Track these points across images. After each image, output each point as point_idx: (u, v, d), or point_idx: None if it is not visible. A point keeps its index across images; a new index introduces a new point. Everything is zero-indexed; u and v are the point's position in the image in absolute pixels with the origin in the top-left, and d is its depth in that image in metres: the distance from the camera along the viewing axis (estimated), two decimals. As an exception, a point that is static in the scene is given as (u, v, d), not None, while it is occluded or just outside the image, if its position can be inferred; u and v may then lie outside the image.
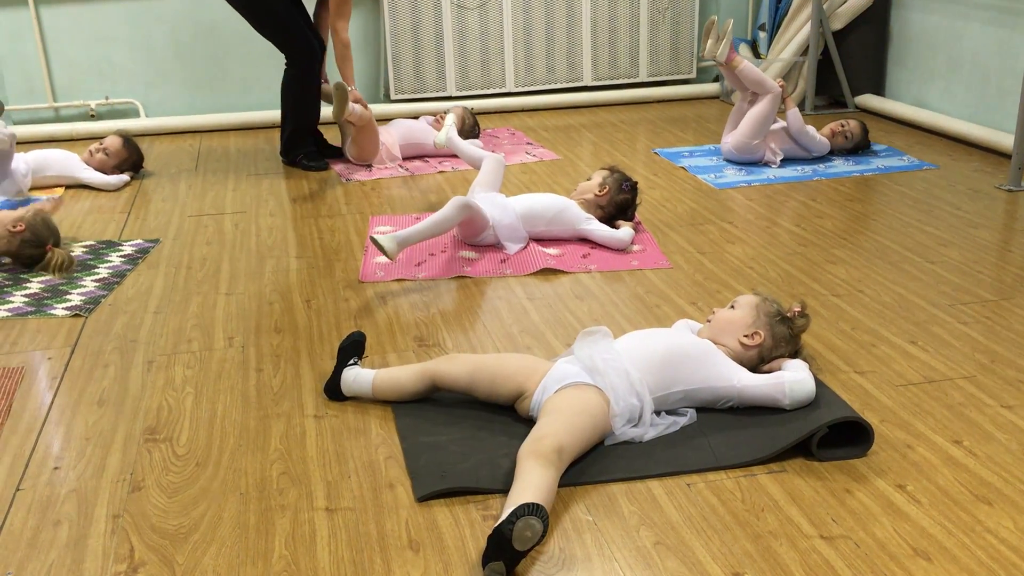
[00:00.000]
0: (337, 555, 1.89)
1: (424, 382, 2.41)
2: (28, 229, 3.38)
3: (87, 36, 5.48)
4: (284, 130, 4.73)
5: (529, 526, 1.78)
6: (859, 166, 4.53)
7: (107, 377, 2.65)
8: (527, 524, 1.78)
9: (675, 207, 4.00)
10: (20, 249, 3.38)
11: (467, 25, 5.80)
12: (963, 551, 1.86)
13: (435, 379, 2.40)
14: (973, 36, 4.89)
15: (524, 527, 1.77)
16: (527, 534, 1.78)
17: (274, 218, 3.98)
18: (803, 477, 2.11)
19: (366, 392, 2.44)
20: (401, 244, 3.21)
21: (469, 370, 2.37)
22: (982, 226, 3.68)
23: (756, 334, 2.41)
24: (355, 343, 2.54)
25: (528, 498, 1.85)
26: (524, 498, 1.85)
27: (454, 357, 2.43)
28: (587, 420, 2.15)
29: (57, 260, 3.36)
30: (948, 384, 2.50)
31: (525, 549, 1.79)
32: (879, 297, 3.06)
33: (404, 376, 2.43)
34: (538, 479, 1.94)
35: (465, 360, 2.40)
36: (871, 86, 5.61)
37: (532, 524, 1.78)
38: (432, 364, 2.42)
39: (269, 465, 2.20)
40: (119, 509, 2.05)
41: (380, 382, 2.44)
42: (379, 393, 2.43)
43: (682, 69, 6.19)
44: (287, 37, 4.48)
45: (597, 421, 2.17)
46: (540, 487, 1.92)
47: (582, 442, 2.13)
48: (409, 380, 2.42)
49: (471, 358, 2.41)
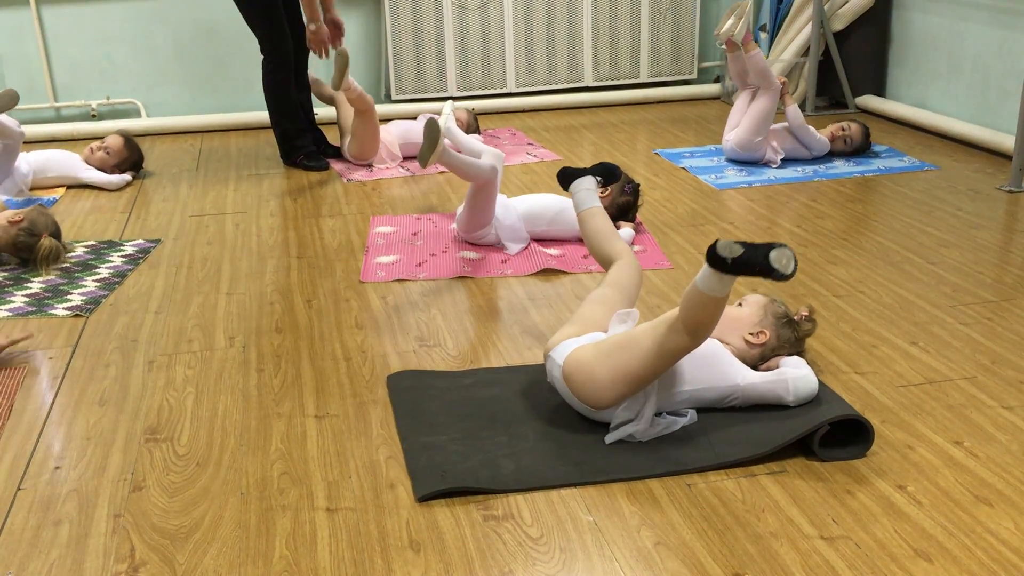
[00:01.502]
0: (338, 555, 1.89)
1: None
2: (27, 219, 3.42)
3: (88, 36, 5.49)
4: (275, 132, 4.74)
5: (784, 255, 1.98)
6: (860, 167, 4.53)
7: (108, 377, 2.65)
8: (781, 252, 1.98)
9: (676, 208, 4.00)
10: (16, 238, 3.38)
11: (468, 25, 5.80)
12: (964, 552, 1.86)
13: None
14: (974, 37, 4.89)
15: (779, 254, 1.98)
16: (783, 260, 1.98)
17: (275, 218, 3.98)
18: (804, 478, 2.11)
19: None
20: (444, 128, 3.40)
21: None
22: (983, 227, 3.68)
23: (762, 333, 2.42)
24: (609, 172, 2.92)
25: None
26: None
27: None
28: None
29: (44, 249, 3.36)
30: (949, 385, 2.50)
31: (787, 270, 1.98)
32: (880, 298, 3.06)
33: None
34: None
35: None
36: (872, 87, 5.61)
37: (787, 253, 1.98)
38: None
39: (270, 465, 2.20)
40: (120, 509, 2.05)
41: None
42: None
43: (683, 70, 6.19)
44: (264, 26, 4.49)
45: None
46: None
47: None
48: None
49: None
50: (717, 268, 2.01)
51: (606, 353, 2.21)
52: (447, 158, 3.34)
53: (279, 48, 4.50)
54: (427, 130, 3.29)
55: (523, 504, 2.03)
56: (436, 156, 3.31)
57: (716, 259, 2.00)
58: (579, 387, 2.24)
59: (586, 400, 2.25)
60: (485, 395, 2.47)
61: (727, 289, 2.06)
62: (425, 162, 3.31)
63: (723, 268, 2.00)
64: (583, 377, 2.23)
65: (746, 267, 1.99)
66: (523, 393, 2.47)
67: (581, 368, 2.23)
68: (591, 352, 2.25)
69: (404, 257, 3.47)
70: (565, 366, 2.27)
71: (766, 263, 1.98)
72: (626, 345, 2.20)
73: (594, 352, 2.24)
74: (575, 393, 2.26)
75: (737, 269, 1.99)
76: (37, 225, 3.42)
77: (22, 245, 3.41)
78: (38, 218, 3.44)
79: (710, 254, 2.00)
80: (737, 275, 2.01)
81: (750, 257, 1.98)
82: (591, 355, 2.24)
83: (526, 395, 2.45)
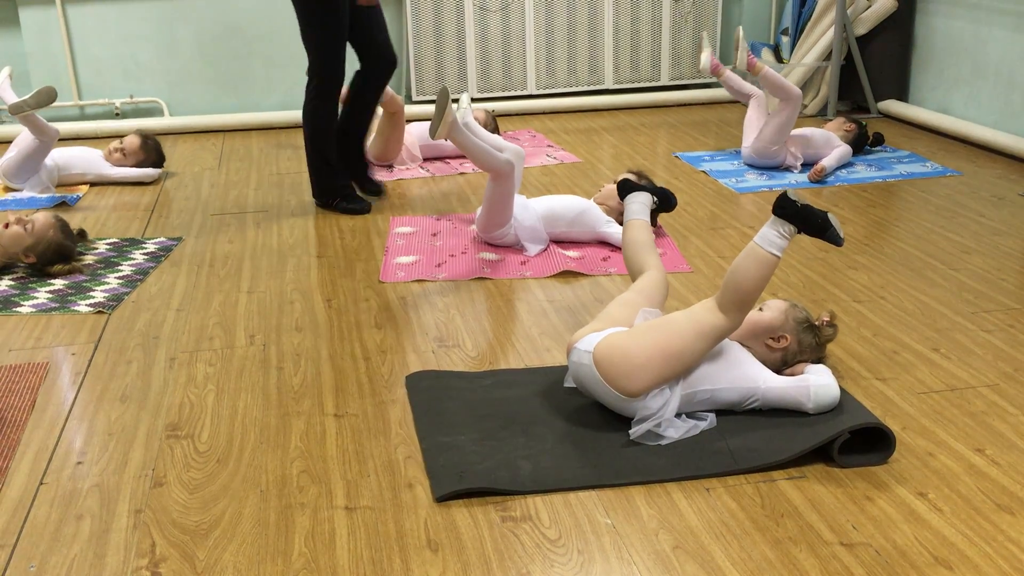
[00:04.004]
0: (356, 554, 1.90)
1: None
2: (37, 258, 3.34)
3: (113, 35, 5.53)
4: (310, 166, 4.09)
5: (837, 222, 2.24)
6: (882, 172, 4.50)
7: (130, 373, 2.67)
8: (835, 219, 2.22)
9: (695, 211, 3.99)
10: (24, 255, 3.35)
11: (489, 27, 5.81)
12: (984, 560, 1.85)
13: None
14: (998, 42, 4.86)
15: (835, 219, 2.22)
16: (838, 225, 2.22)
17: (295, 217, 3.99)
18: (823, 483, 2.10)
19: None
20: (461, 123, 3.33)
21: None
22: (1006, 233, 3.65)
23: (783, 338, 2.41)
24: (667, 200, 3.10)
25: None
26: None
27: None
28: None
29: (56, 270, 3.35)
30: (971, 392, 2.48)
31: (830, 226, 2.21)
32: (901, 304, 3.04)
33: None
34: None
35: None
36: (894, 92, 5.58)
37: (837, 222, 2.23)
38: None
39: (289, 463, 2.21)
40: (141, 504, 2.06)
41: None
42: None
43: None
44: (327, 49, 3.87)
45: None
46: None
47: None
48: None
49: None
50: (785, 211, 2.18)
51: (641, 333, 2.26)
52: (460, 137, 3.29)
53: (333, 76, 3.91)
54: (438, 98, 3.24)
55: (541, 506, 2.04)
56: (446, 127, 3.24)
57: (785, 202, 2.17)
58: (612, 368, 2.22)
59: (618, 383, 2.22)
60: (504, 396, 2.47)
61: (782, 248, 2.21)
62: (434, 132, 3.25)
63: (791, 210, 2.17)
64: (617, 357, 2.21)
65: (810, 216, 2.20)
66: (542, 395, 2.47)
67: (614, 350, 2.23)
68: (623, 336, 2.27)
69: (424, 258, 3.48)
70: (596, 351, 2.25)
71: (827, 219, 2.21)
72: (661, 326, 2.25)
73: (627, 335, 2.27)
74: (606, 377, 2.23)
75: (802, 215, 2.18)
76: (48, 259, 3.34)
77: (31, 261, 3.36)
78: (50, 254, 3.34)
79: (779, 200, 2.20)
80: (800, 224, 2.19)
81: (813, 209, 2.21)
82: (624, 338, 2.26)
83: (545, 397, 2.46)
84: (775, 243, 2.20)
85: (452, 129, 3.27)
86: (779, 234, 2.20)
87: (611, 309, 2.45)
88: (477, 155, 3.36)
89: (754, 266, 2.19)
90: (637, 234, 2.70)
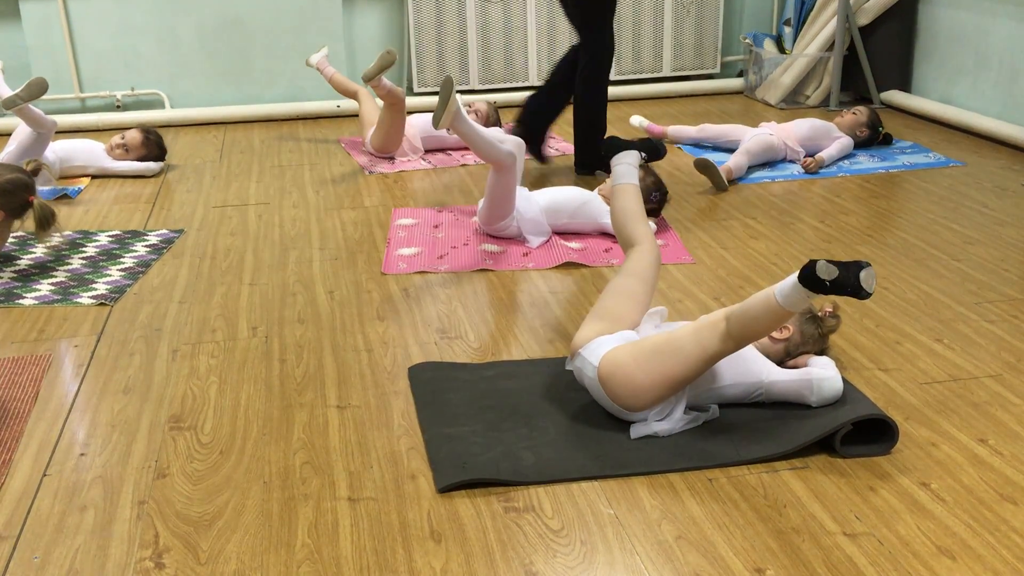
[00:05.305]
0: (359, 544, 1.90)
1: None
2: (4, 210, 3.27)
3: (113, 27, 5.52)
4: (587, 139, 4.35)
5: (870, 275, 2.02)
6: (884, 162, 4.49)
7: (132, 365, 2.67)
8: (868, 273, 2.02)
9: (698, 202, 3.99)
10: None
11: (490, 19, 5.80)
12: (988, 550, 1.85)
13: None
14: (1001, 32, 4.84)
15: (867, 275, 2.01)
16: (869, 281, 2.02)
17: (297, 209, 3.99)
18: (826, 474, 2.10)
19: None
20: (460, 114, 3.27)
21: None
22: (1008, 224, 3.65)
23: (785, 328, 2.41)
24: (654, 149, 2.96)
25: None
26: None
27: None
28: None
29: (38, 210, 3.25)
30: (973, 382, 2.48)
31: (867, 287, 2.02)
32: (904, 294, 3.04)
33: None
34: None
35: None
36: (897, 82, 5.56)
37: (871, 273, 2.03)
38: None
39: (292, 454, 2.21)
40: (144, 496, 2.07)
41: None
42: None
43: (706, 64, 6.16)
44: (609, 22, 4.25)
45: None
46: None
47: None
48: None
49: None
50: (814, 289, 2.02)
51: (646, 357, 2.18)
52: (462, 126, 3.30)
53: (612, 49, 4.31)
54: (442, 87, 3.24)
55: (544, 496, 2.04)
56: (449, 117, 3.24)
57: (814, 280, 2.01)
58: (617, 389, 2.21)
59: (623, 403, 2.22)
60: (506, 387, 2.47)
61: (806, 305, 2.12)
62: (438, 122, 3.25)
63: (820, 289, 2.02)
64: (621, 379, 2.20)
65: (840, 288, 2.02)
66: (544, 386, 2.47)
67: (618, 371, 2.20)
68: (628, 355, 2.21)
69: (426, 249, 3.48)
70: (601, 368, 2.23)
71: (856, 283, 2.02)
72: (666, 350, 2.18)
73: (632, 355, 2.21)
74: (611, 396, 2.23)
75: (832, 290, 2.03)
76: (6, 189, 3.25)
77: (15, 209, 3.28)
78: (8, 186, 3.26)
79: (807, 274, 2.01)
80: (828, 295, 2.06)
81: (844, 278, 2.02)
82: (629, 358, 2.20)
83: (547, 388, 2.46)
84: (798, 303, 2.07)
85: (455, 119, 3.26)
86: (803, 299, 2.07)
87: (610, 303, 2.42)
88: (479, 146, 3.35)
89: (775, 317, 2.10)
90: (626, 202, 2.66)
